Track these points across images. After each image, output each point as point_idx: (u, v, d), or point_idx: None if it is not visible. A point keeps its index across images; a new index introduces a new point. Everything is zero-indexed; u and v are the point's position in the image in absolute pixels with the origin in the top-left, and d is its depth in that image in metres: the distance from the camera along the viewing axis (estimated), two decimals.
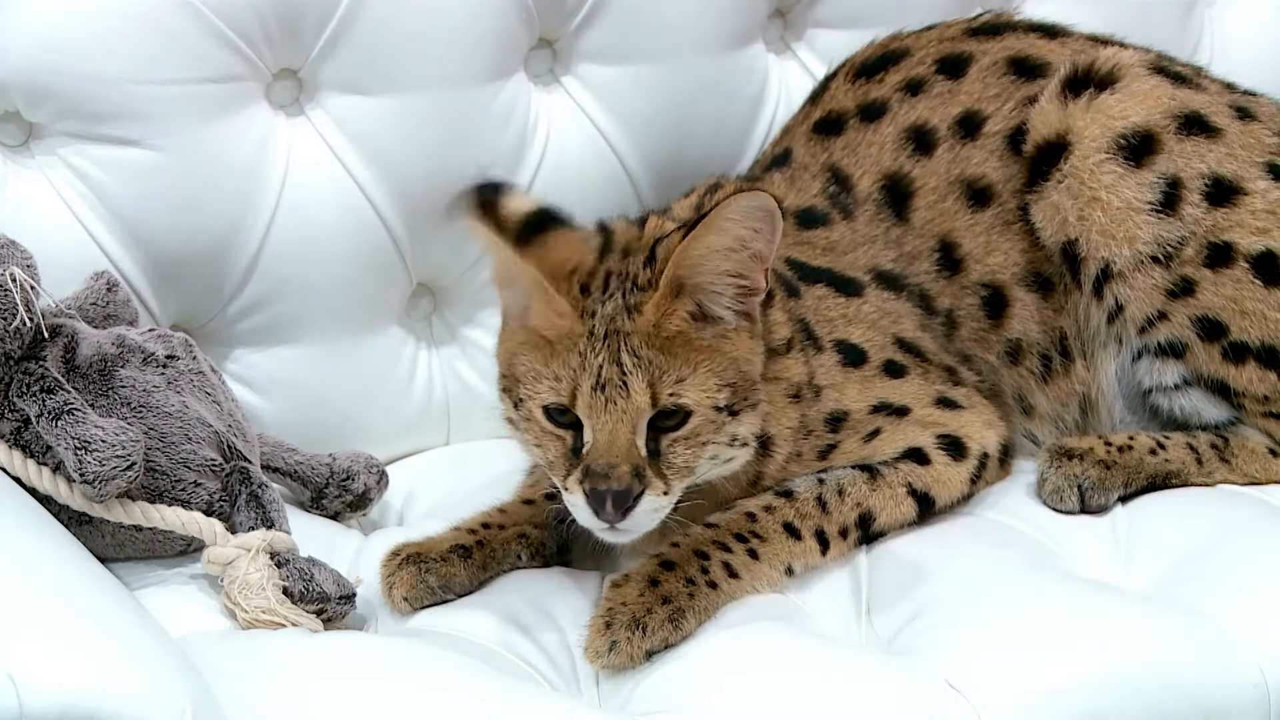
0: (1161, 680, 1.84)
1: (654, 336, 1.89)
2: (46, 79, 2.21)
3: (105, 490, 1.97)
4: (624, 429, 1.87)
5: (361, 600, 2.08)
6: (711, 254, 1.88)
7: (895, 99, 2.34)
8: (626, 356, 1.88)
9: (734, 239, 1.87)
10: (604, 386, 1.87)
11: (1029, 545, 2.09)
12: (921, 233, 2.27)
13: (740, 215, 1.86)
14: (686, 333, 1.90)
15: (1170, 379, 2.24)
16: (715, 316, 1.92)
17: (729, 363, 1.93)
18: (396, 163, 2.40)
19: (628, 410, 1.87)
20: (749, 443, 1.98)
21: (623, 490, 1.86)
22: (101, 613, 1.73)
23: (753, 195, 1.85)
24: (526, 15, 2.45)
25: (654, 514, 1.90)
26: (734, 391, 1.92)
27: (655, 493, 1.88)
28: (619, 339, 1.88)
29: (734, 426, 1.94)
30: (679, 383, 1.89)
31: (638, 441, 1.88)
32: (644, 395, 1.87)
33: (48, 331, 2.05)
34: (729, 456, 1.97)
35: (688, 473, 1.92)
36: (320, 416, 2.43)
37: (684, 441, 1.90)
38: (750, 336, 1.96)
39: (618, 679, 1.89)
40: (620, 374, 1.87)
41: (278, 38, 2.33)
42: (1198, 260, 2.19)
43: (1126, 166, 2.20)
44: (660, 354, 1.89)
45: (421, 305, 2.54)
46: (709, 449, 1.92)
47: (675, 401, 1.88)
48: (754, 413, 1.96)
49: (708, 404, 1.90)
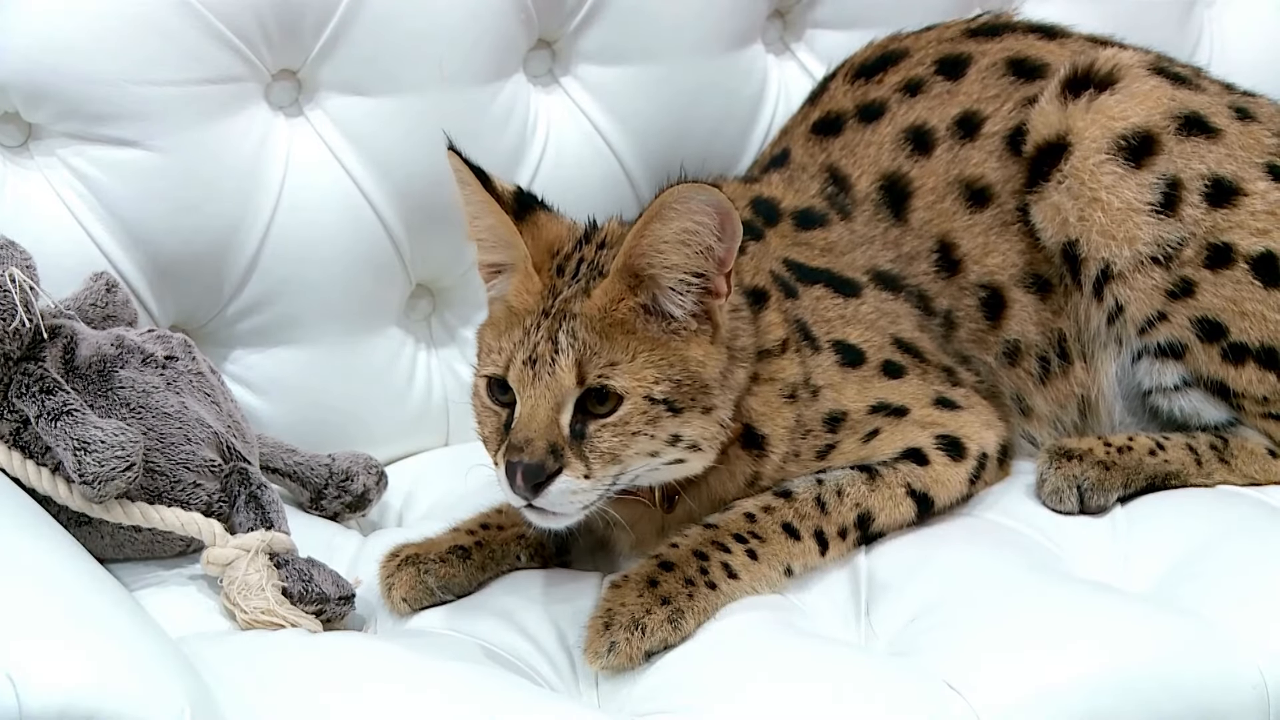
0: (1160, 681, 1.84)
1: (597, 320, 1.91)
2: (46, 80, 2.21)
3: (104, 491, 1.97)
4: (546, 404, 1.88)
5: (361, 601, 2.08)
6: (659, 243, 1.90)
7: (894, 99, 2.34)
8: (564, 336, 1.90)
9: (680, 229, 1.89)
10: (534, 361, 1.90)
11: (1028, 546, 2.09)
12: (920, 233, 2.27)
13: (682, 204, 1.87)
14: (631, 322, 1.92)
15: (1170, 380, 2.24)
16: (667, 313, 1.93)
17: (677, 360, 1.93)
18: (396, 163, 2.40)
19: (552, 386, 1.88)
20: (701, 447, 1.96)
21: (534, 464, 1.86)
22: (101, 613, 1.73)
23: (698, 187, 1.87)
24: (526, 16, 2.45)
25: (572, 496, 1.88)
26: (677, 388, 1.92)
27: (574, 474, 1.87)
28: (562, 319, 1.91)
29: (675, 425, 1.92)
30: (610, 366, 1.89)
31: (560, 419, 1.89)
32: (570, 373, 1.88)
33: (47, 332, 2.05)
34: (673, 457, 1.95)
35: (612, 460, 1.90)
36: (319, 417, 2.44)
37: (612, 428, 1.90)
38: (709, 341, 1.95)
39: (617, 680, 1.89)
40: (553, 350, 1.89)
41: (277, 38, 2.33)
42: (1197, 261, 2.19)
43: (1127, 167, 2.20)
44: (598, 337, 1.90)
45: (421, 306, 2.54)
46: (640, 441, 1.91)
47: (603, 383, 1.89)
48: (705, 418, 1.95)
49: (640, 393, 1.90)
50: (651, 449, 1.93)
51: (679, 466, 1.97)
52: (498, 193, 1.99)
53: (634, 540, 2.10)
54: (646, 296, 1.93)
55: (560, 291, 1.94)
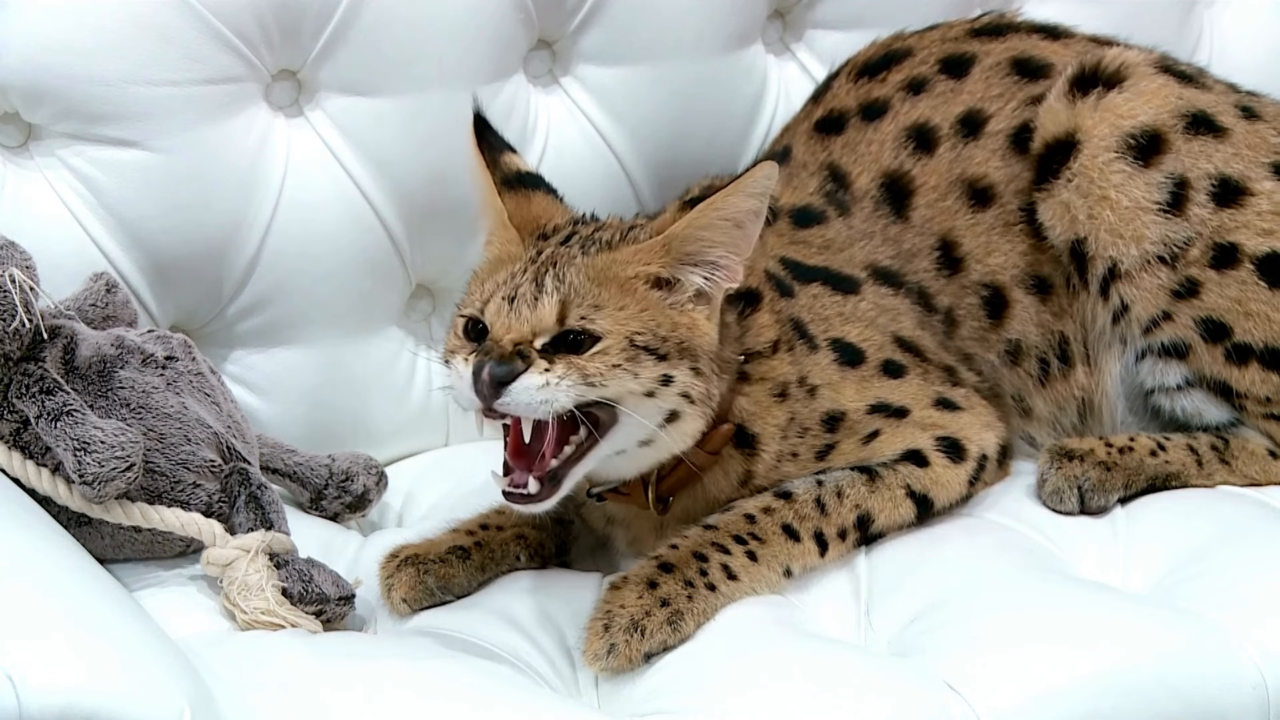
0: (1161, 681, 1.84)
1: (596, 270, 1.92)
2: (45, 80, 2.21)
3: (104, 491, 1.97)
4: (521, 329, 1.88)
5: (360, 601, 2.08)
6: (719, 219, 1.92)
7: (897, 98, 2.34)
8: (550, 280, 1.91)
9: (747, 210, 1.92)
10: (514, 299, 1.90)
11: (1028, 546, 2.09)
12: (921, 231, 2.26)
13: (764, 183, 1.91)
14: (634, 283, 1.93)
15: (1173, 380, 2.24)
16: (678, 286, 1.95)
17: (666, 322, 1.93)
18: (396, 164, 2.40)
19: (529, 319, 1.89)
20: (694, 398, 1.93)
21: (503, 365, 1.83)
22: (101, 614, 1.73)
23: (772, 166, 1.91)
24: (525, 16, 2.45)
25: (533, 393, 1.84)
26: (663, 342, 1.91)
27: (538, 370, 1.84)
28: (552, 265, 1.93)
29: (661, 367, 1.91)
30: (594, 309, 1.90)
31: (534, 342, 1.88)
32: (552, 312, 1.89)
33: (47, 333, 2.05)
34: (666, 401, 1.92)
35: (581, 376, 1.86)
36: (319, 417, 2.44)
37: (588, 357, 1.88)
38: (704, 317, 1.96)
39: (617, 681, 1.89)
40: (535, 291, 1.90)
41: (277, 39, 2.33)
42: (1203, 261, 2.19)
43: (1135, 166, 2.20)
44: (590, 284, 1.91)
45: (420, 306, 2.54)
46: (619, 374, 1.88)
47: (584, 325, 1.89)
48: (696, 377, 1.93)
49: (620, 332, 1.89)
50: (640, 387, 1.90)
51: (673, 430, 1.94)
52: (495, 158, 2.04)
53: (632, 539, 2.10)
54: (670, 270, 1.94)
55: (547, 247, 1.97)
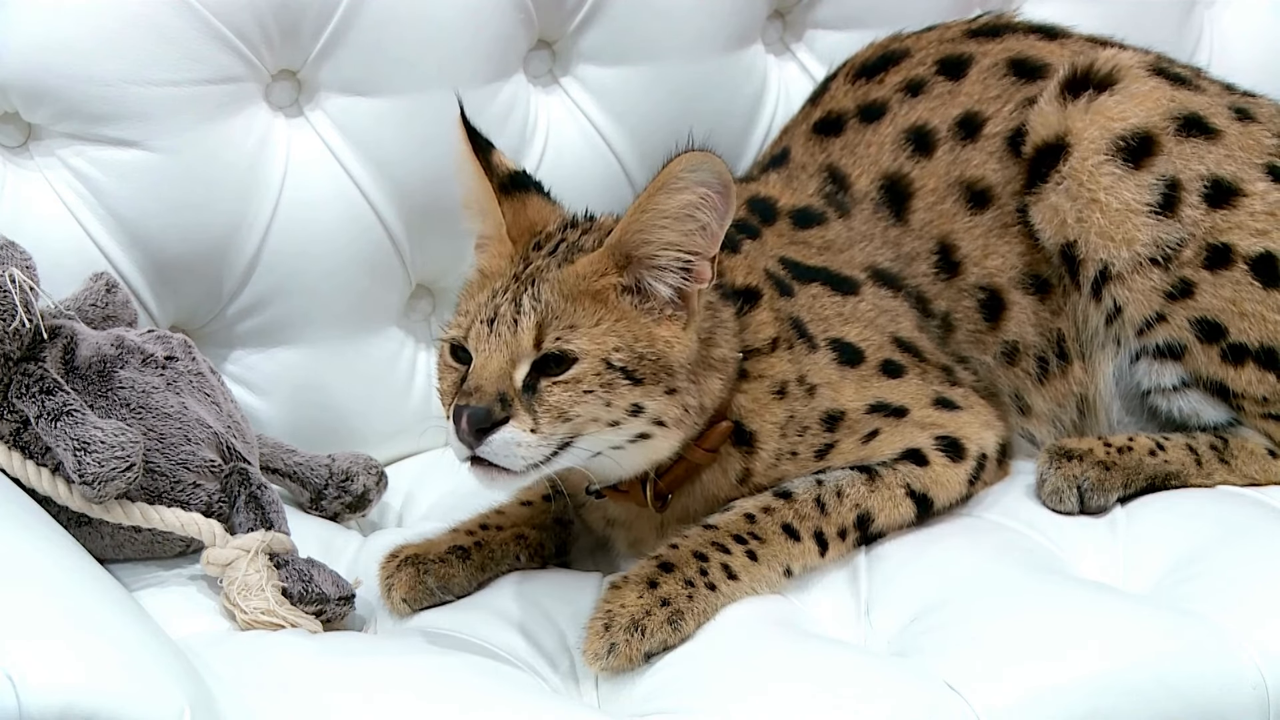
0: (1160, 681, 1.84)
1: (568, 286, 1.92)
2: (45, 80, 2.21)
3: (104, 491, 1.97)
4: (500, 358, 1.89)
5: (360, 601, 2.08)
6: (660, 218, 1.90)
7: (895, 100, 2.34)
8: (528, 300, 1.91)
9: (684, 203, 1.89)
10: (494, 321, 1.91)
11: (1028, 546, 2.09)
12: (920, 234, 2.27)
13: (692, 174, 1.88)
14: (605, 294, 1.93)
15: (1169, 380, 2.24)
16: (648, 292, 1.94)
17: (643, 335, 1.93)
18: (396, 164, 2.40)
19: (509, 344, 1.89)
20: (666, 424, 1.94)
21: (481, 409, 1.85)
22: (101, 614, 1.73)
23: (707, 156, 1.87)
24: (525, 16, 2.45)
25: (515, 449, 1.86)
26: (638, 361, 1.91)
27: (520, 425, 1.86)
28: (531, 285, 1.92)
29: (636, 395, 1.91)
30: (570, 329, 1.90)
31: (514, 375, 1.89)
32: (529, 335, 1.89)
33: (47, 332, 2.05)
34: (636, 430, 1.93)
35: (560, 417, 1.88)
36: (319, 417, 2.44)
37: (563, 385, 1.89)
38: (682, 327, 1.95)
39: (617, 681, 1.89)
40: (515, 313, 1.91)
41: (277, 39, 2.33)
42: (1197, 262, 2.19)
43: (1125, 168, 2.20)
44: (565, 302, 1.91)
45: (420, 306, 2.54)
46: (591, 403, 1.89)
47: (560, 347, 1.89)
48: (669, 398, 1.93)
49: (596, 354, 1.90)
50: (608, 416, 1.91)
51: (646, 445, 1.95)
52: (489, 162, 2.02)
53: (633, 540, 2.10)
54: (631, 277, 1.94)
55: (533, 261, 1.96)
